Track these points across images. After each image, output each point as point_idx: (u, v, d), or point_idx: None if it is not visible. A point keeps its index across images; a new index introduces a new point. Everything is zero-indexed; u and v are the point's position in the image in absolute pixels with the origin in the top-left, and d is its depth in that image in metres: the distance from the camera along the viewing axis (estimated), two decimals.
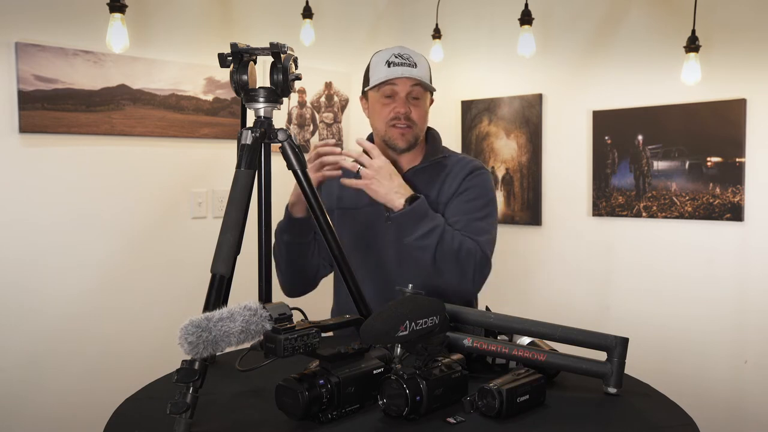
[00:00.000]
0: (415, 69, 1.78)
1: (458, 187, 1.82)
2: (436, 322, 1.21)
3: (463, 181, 1.83)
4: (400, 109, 1.78)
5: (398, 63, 1.77)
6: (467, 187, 1.82)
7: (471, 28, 3.71)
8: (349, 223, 1.86)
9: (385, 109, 1.80)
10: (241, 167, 1.30)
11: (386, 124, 1.80)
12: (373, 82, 1.80)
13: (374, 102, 1.83)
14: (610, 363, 1.33)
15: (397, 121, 1.79)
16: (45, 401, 2.61)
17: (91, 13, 2.61)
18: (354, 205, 1.86)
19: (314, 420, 1.16)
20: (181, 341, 1.07)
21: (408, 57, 1.79)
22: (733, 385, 2.95)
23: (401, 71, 1.76)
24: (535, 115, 3.47)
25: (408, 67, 1.77)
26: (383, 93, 1.79)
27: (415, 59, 1.79)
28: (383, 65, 1.78)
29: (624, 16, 3.21)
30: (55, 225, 2.63)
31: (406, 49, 1.82)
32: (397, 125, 1.79)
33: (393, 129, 1.80)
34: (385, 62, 1.78)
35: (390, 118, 1.79)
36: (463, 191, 1.81)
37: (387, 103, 1.80)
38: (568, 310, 3.35)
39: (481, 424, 1.17)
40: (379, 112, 1.82)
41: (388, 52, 1.81)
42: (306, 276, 1.87)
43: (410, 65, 1.78)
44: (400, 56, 1.78)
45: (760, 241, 2.88)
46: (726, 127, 2.91)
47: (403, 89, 1.78)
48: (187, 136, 2.99)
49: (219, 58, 1.35)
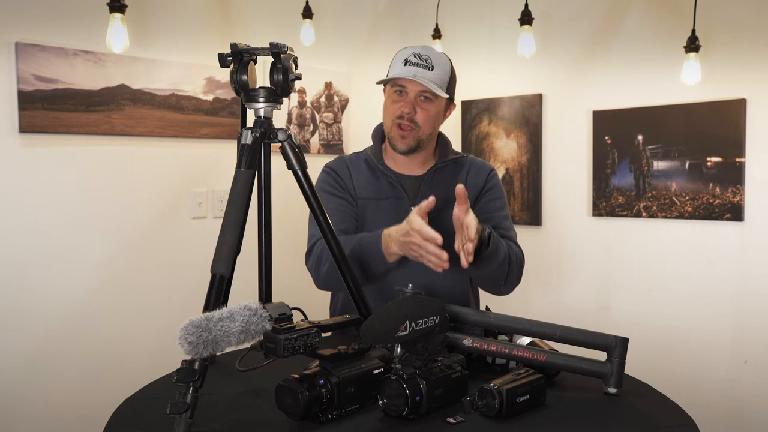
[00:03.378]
0: (429, 72, 1.76)
1: (484, 186, 1.87)
2: (436, 322, 1.21)
3: (487, 180, 1.88)
4: (405, 108, 1.78)
5: (414, 63, 1.77)
6: (491, 186, 1.88)
7: (471, 28, 3.71)
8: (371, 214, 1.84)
9: (394, 106, 1.80)
10: (241, 167, 1.30)
11: (392, 121, 1.81)
12: (388, 76, 1.81)
13: (387, 97, 1.84)
14: (610, 363, 1.33)
15: (401, 121, 1.79)
16: (45, 401, 2.61)
17: (91, 13, 2.61)
18: (375, 195, 1.86)
19: (314, 420, 1.16)
20: (181, 341, 1.07)
21: (427, 59, 1.78)
22: (733, 385, 2.95)
23: (413, 72, 1.76)
24: (535, 115, 3.47)
25: (423, 68, 1.76)
26: (395, 89, 1.80)
27: (434, 61, 1.78)
28: (401, 62, 1.79)
29: (624, 16, 3.21)
30: (55, 225, 2.63)
31: (430, 50, 1.81)
32: (400, 125, 1.79)
33: (396, 128, 1.80)
34: (404, 60, 1.78)
35: (396, 117, 1.80)
36: (488, 190, 1.88)
37: (396, 100, 1.80)
38: (568, 310, 3.35)
39: (481, 424, 1.17)
40: (388, 108, 1.83)
41: (411, 50, 1.80)
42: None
43: (426, 67, 1.77)
44: (419, 56, 1.78)
45: (760, 241, 2.88)
46: (726, 127, 2.91)
47: (413, 89, 1.78)
48: (187, 136, 2.99)
49: (219, 58, 1.35)
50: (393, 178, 1.85)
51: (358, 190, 1.87)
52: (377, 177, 1.87)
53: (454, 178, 1.85)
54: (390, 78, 1.79)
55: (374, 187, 1.86)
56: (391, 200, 1.84)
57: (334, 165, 1.93)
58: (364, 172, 1.89)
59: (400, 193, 1.84)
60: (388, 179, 1.86)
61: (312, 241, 1.88)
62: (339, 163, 1.93)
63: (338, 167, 1.91)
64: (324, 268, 1.80)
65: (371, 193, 1.86)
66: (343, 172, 1.89)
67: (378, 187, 1.86)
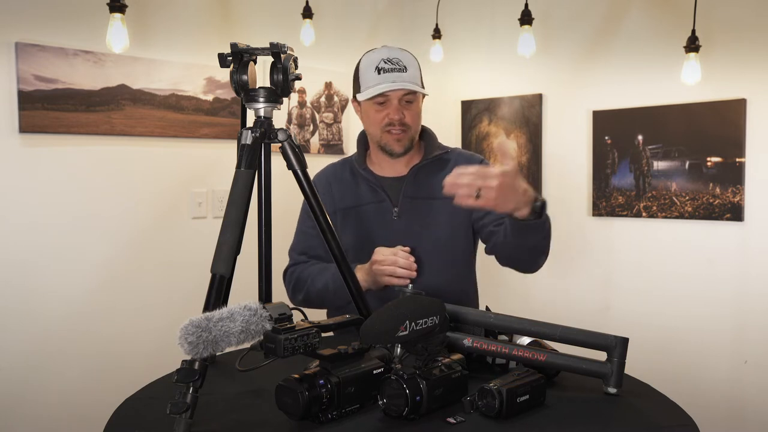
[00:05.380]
0: (405, 73, 1.75)
1: None
2: (436, 322, 1.21)
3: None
4: (394, 116, 1.77)
5: (388, 69, 1.75)
6: None
7: (471, 28, 3.71)
8: (353, 223, 1.85)
9: (379, 114, 1.79)
10: (241, 167, 1.30)
11: (381, 129, 1.80)
12: (364, 92, 1.78)
13: (367, 108, 1.82)
14: (610, 363, 1.33)
15: (392, 127, 1.78)
16: (45, 401, 2.61)
17: (91, 13, 2.60)
18: (355, 203, 1.86)
19: (314, 420, 1.16)
20: (181, 341, 1.07)
21: (397, 61, 1.76)
22: (733, 385, 2.95)
23: (393, 79, 1.74)
24: (535, 115, 3.47)
25: (398, 72, 1.75)
26: (376, 100, 1.78)
27: (404, 62, 1.77)
28: (373, 72, 1.76)
29: (624, 16, 3.21)
30: (54, 225, 2.63)
31: (393, 50, 1.79)
32: (392, 131, 1.78)
33: (388, 135, 1.80)
34: (375, 69, 1.76)
35: (384, 124, 1.79)
36: None
37: (380, 110, 1.79)
38: (568, 310, 3.35)
39: (481, 424, 1.17)
40: (372, 117, 1.81)
41: (377, 55, 1.78)
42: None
43: (400, 70, 1.75)
44: (389, 61, 1.76)
45: (760, 241, 2.88)
46: (726, 127, 2.91)
47: (395, 95, 1.76)
48: (187, 136, 2.99)
49: (219, 58, 1.35)
50: (374, 182, 1.85)
51: (338, 202, 1.87)
52: (358, 183, 1.87)
53: (437, 175, 1.82)
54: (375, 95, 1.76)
55: (355, 195, 1.86)
56: (372, 205, 1.84)
57: (318, 179, 1.92)
58: (346, 180, 1.89)
59: (381, 197, 1.84)
60: (369, 184, 1.85)
61: (291, 261, 1.91)
62: (320, 178, 1.92)
63: (320, 181, 1.91)
64: (299, 297, 1.84)
65: (352, 201, 1.86)
66: (324, 186, 1.88)
67: (358, 194, 1.86)
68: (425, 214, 1.81)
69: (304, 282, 1.82)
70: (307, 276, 1.82)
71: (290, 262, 1.91)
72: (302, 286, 1.83)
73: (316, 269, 1.81)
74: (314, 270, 1.82)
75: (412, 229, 1.81)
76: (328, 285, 1.75)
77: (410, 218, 1.82)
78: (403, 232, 1.80)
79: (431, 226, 1.81)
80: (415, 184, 1.84)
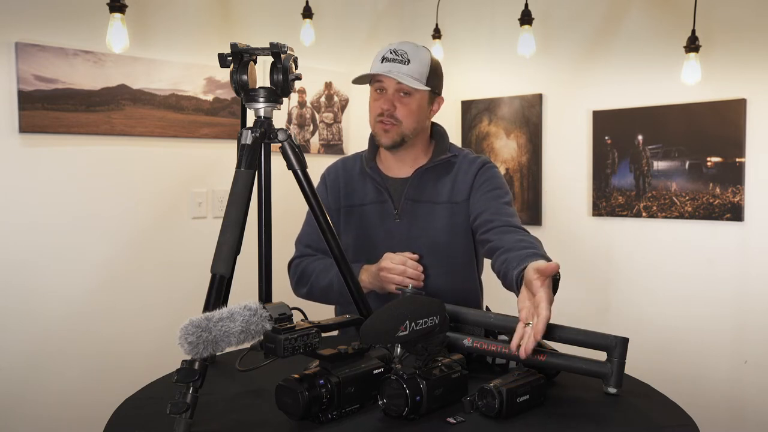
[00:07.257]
0: (405, 66, 1.75)
1: (473, 182, 1.82)
2: (436, 322, 1.21)
3: (477, 176, 1.83)
4: (384, 105, 1.77)
5: (390, 59, 1.76)
6: (483, 180, 1.82)
7: (471, 28, 3.71)
8: (355, 221, 1.86)
9: (375, 103, 1.81)
10: (241, 167, 1.30)
11: (374, 119, 1.81)
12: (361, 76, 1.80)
13: (370, 96, 1.84)
14: (610, 363, 1.32)
15: (382, 118, 1.79)
16: (45, 401, 2.61)
17: (91, 13, 2.61)
18: (359, 201, 1.87)
19: (314, 420, 1.16)
20: (181, 341, 1.07)
21: (403, 53, 1.76)
22: (733, 385, 2.95)
23: (387, 68, 1.75)
24: (535, 115, 3.47)
25: (399, 63, 1.75)
26: (375, 88, 1.80)
27: (410, 55, 1.76)
28: (379, 60, 1.78)
29: (624, 16, 3.21)
30: (54, 225, 2.63)
31: (407, 44, 1.80)
32: (383, 121, 1.79)
33: (378, 125, 1.80)
34: (381, 57, 1.78)
35: (377, 114, 1.80)
36: (480, 184, 1.81)
37: (377, 98, 1.80)
38: (568, 310, 3.34)
39: (481, 424, 1.17)
40: (371, 106, 1.83)
41: (389, 47, 1.80)
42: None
43: (402, 62, 1.75)
44: (394, 52, 1.77)
45: (760, 241, 2.88)
46: (726, 127, 2.91)
47: (390, 85, 1.77)
48: (187, 136, 2.99)
49: (219, 58, 1.35)
50: (379, 182, 1.85)
51: (344, 199, 1.88)
52: (365, 181, 1.88)
53: (440, 179, 1.83)
54: (362, 75, 1.78)
55: (361, 193, 1.87)
56: (375, 205, 1.85)
57: (328, 172, 1.94)
58: (354, 177, 1.90)
59: (384, 197, 1.84)
60: (375, 183, 1.86)
61: (297, 253, 1.92)
62: (332, 171, 1.94)
63: (329, 176, 1.93)
64: (302, 290, 1.85)
65: (357, 199, 1.87)
66: (332, 182, 1.90)
67: (364, 193, 1.86)
68: (426, 218, 1.82)
69: (308, 277, 1.84)
70: (312, 271, 1.83)
71: (296, 253, 1.91)
72: (306, 280, 1.84)
73: (321, 265, 1.82)
74: (319, 266, 1.83)
75: (412, 231, 1.81)
76: (333, 284, 1.76)
77: (411, 221, 1.82)
78: (403, 234, 1.80)
79: (431, 229, 1.81)
80: (418, 187, 1.84)
